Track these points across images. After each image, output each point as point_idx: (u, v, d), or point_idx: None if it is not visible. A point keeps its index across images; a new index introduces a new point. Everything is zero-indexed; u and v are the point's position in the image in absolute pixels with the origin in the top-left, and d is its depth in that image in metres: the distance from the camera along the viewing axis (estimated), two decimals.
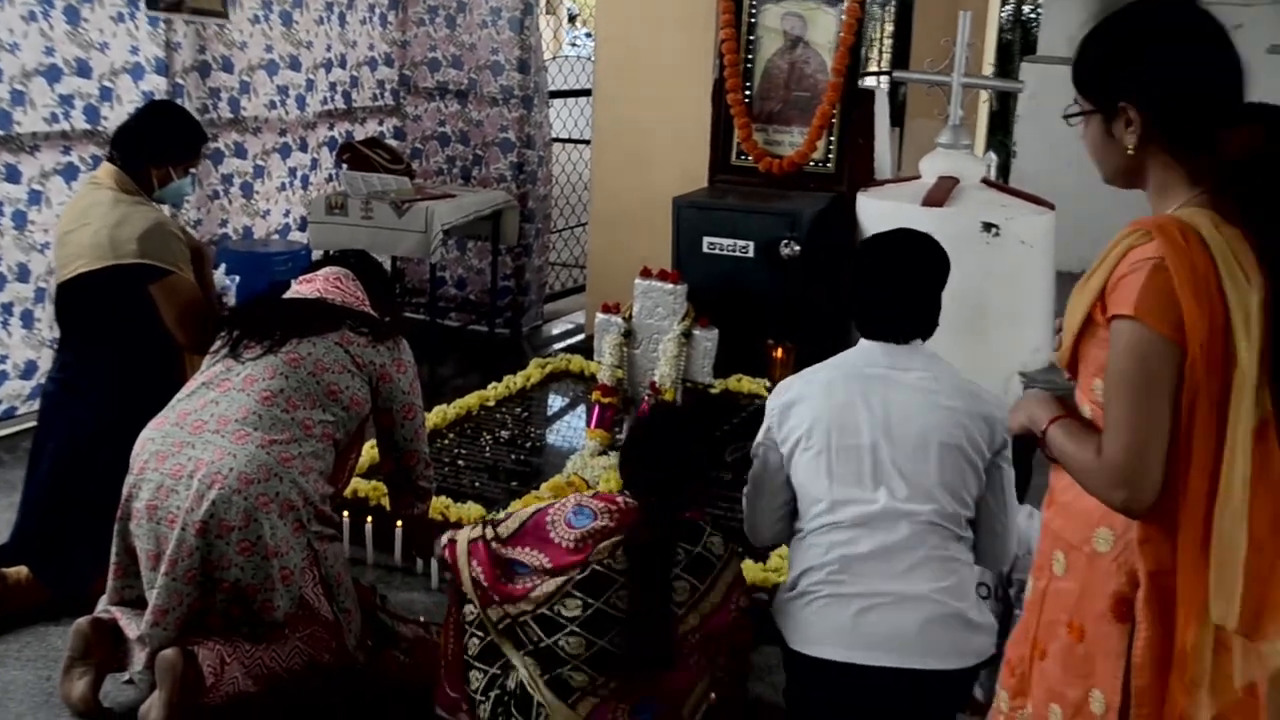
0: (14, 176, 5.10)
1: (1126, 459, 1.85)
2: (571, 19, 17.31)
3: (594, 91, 6.98)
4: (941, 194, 5.20)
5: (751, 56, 6.02)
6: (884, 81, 11.55)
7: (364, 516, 4.11)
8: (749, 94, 6.01)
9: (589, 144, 7.25)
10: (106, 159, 3.91)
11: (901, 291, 2.82)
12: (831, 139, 5.85)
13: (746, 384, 5.38)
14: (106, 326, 3.74)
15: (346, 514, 4.02)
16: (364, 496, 4.21)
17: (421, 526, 3.80)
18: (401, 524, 3.94)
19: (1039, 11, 13.81)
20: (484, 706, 2.87)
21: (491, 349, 7.02)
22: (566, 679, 2.76)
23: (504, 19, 7.13)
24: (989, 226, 5.03)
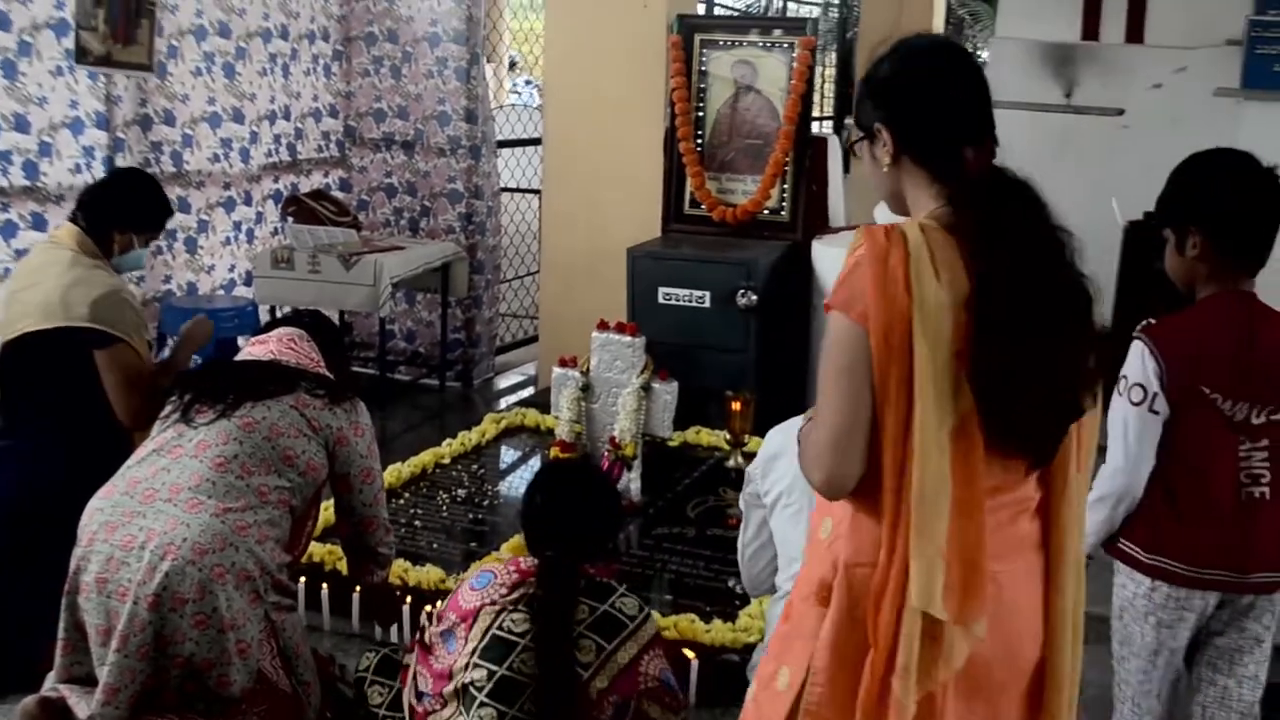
0: None
1: (823, 440, 1.92)
2: (512, 65, 17.29)
3: (544, 140, 6.92)
4: None
5: (703, 104, 6.01)
6: (827, 127, 11.62)
7: (320, 582, 3.98)
8: (701, 142, 5.99)
9: (538, 193, 7.21)
10: (69, 220, 3.84)
11: None
12: (785, 186, 5.84)
13: (705, 436, 5.32)
14: (51, 390, 3.64)
15: (303, 580, 3.90)
16: (319, 561, 4.09)
17: (380, 593, 3.69)
18: (359, 590, 3.83)
19: (979, 56, 14.00)
20: None
21: (443, 403, 6.94)
22: None
23: (450, 69, 7.08)
24: None
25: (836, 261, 5.48)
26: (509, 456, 5.65)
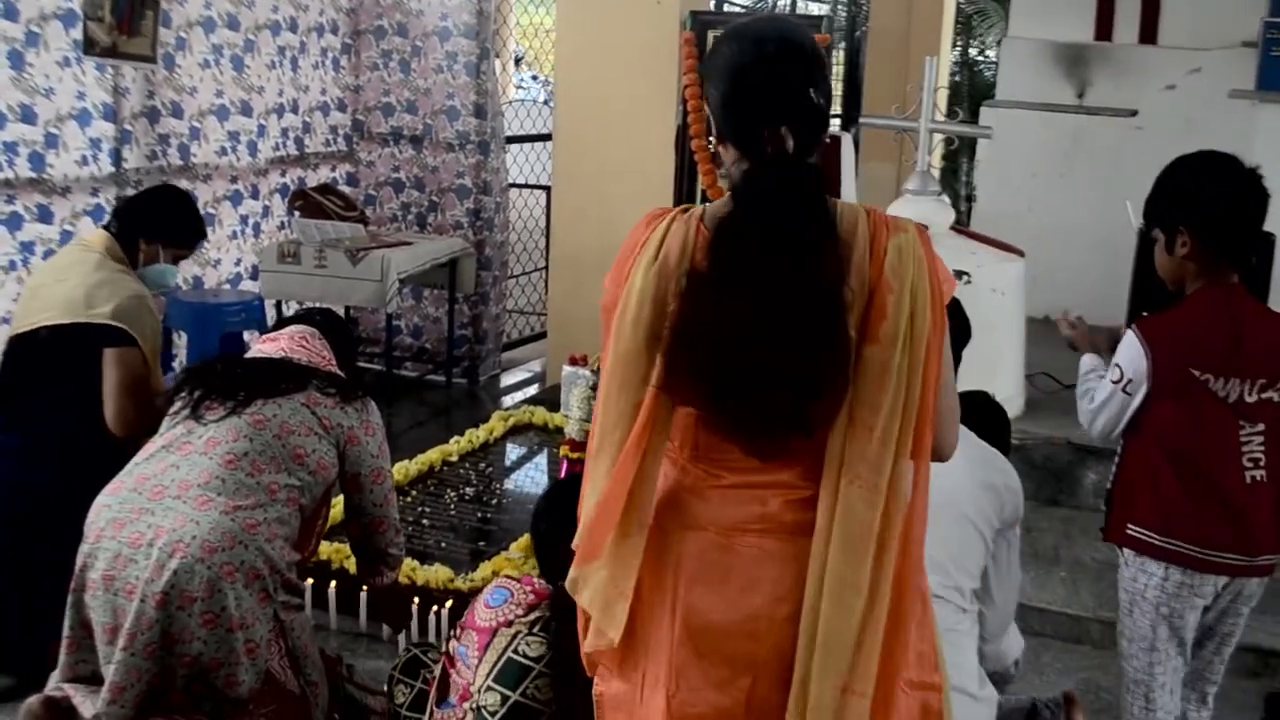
0: None
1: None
2: (517, 61, 17.25)
3: (554, 136, 6.89)
4: None
5: None
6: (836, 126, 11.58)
7: (327, 581, 3.95)
8: (712, 140, 5.94)
9: (546, 189, 7.17)
10: (102, 226, 3.89)
11: None
12: None
13: None
14: (62, 385, 3.61)
15: (310, 579, 3.87)
16: (326, 559, 4.05)
17: (390, 594, 3.66)
18: (367, 591, 3.80)
19: (986, 55, 13.96)
20: None
21: (449, 399, 6.91)
22: None
23: (460, 64, 7.04)
24: (960, 274, 4.98)
25: None
26: (517, 455, 5.62)
